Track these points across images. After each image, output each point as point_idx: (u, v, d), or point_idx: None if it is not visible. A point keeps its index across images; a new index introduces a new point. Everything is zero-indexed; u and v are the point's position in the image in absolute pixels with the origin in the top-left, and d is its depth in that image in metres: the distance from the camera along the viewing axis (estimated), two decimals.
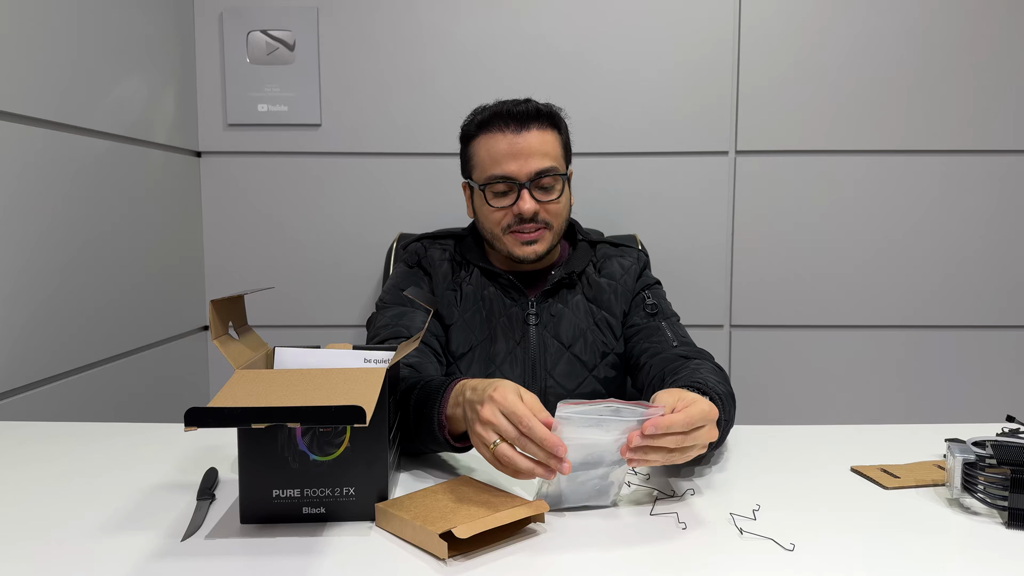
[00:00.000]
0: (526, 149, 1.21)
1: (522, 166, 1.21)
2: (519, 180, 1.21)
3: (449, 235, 1.37)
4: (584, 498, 0.82)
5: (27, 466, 0.97)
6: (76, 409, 1.43)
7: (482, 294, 1.27)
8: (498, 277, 1.28)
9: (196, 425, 0.65)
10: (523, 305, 1.27)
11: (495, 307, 1.27)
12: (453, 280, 1.29)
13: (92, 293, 1.48)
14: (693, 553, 0.72)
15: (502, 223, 1.24)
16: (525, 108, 1.23)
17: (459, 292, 1.28)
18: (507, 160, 1.21)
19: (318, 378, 0.77)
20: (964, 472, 0.81)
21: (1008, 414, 1.09)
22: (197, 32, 1.87)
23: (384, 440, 0.79)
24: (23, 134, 1.30)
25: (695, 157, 1.89)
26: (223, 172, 1.91)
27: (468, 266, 1.30)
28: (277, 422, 0.66)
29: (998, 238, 1.90)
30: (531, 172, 1.21)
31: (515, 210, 1.22)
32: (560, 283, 1.28)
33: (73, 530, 0.77)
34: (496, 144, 1.22)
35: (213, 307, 0.83)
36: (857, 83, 1.86)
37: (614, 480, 0.82)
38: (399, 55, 1.87)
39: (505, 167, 1.21)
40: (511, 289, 1.28)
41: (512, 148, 1.21)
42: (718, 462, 0.98)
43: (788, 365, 1.95)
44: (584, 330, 1.27)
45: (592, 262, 1.34)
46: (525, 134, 1.21)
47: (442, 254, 1.32)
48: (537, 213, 1.22)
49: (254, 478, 0.78)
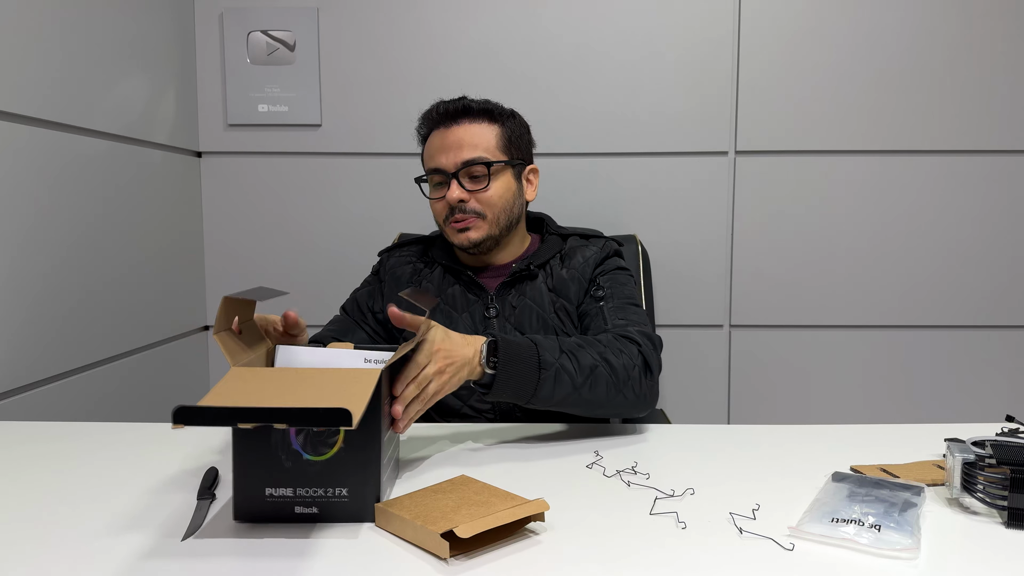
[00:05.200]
0: (455, 142, 1.27)
1: (450, 157, 1.27)
2: (447, 171, 1.27)
3: (419, 240, 1.44)
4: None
5: (27, 466, 0.97)
6: (76, 409, 1.43)
7: (445, 293, 1.32)
8: (460, 275, 1.32)
9: (183, 423, 0.65)
10: (484, 300, 1.30)
11: (458, 303, 1.31)
12: (411, 281, 1.35)
13: (92, 293, 1.48)
14: (693, 553, 0.72)
15: (443, 215, 1.30)
16: (455, 105, 1.30)
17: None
18: (439, 154, 1.28)
19: (312, 378, 0.77)
20: (964, 472, 0.81)
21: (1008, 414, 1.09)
22: (197, 32, 1.87)
23: (377, 441, 0.79)
24: (23, 134, 1.30)
25: (695, 157, 1.89)
26: (223, 172, 1.91)
27: (433, 265, 1.36)
28: (263, 422, 0.66)
29: (997, 238, 1.90)
30: (458, 163, 1.27)
31: (446, 200, 1.27)
32: (519, 275, 1.30)
33: (73, 530, 0.77)
34: (432, 141, 1.31)
35: (224, 303, 0.82)
36: (857, 83, 1.86)
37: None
38: (399, 55, 1.87)
39: (437, 160, 1.29)
40: (472, 286, 1.31)
41: (443, 142, 1.28)
42: (718, 461, 0.98)
43: (788, 365, 1.95)
44: (545, 319, 1.29)
45: (560, 254, 1.35)
46: (455, 128, 1.28)
47: (401, 260, 1.39)
48: (465, 202, 1.27)
49: (247, 477, 0.78)
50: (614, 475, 0.93)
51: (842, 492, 0.82)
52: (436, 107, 1.32)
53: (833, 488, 0.84)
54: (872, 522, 0.74)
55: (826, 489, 0.84)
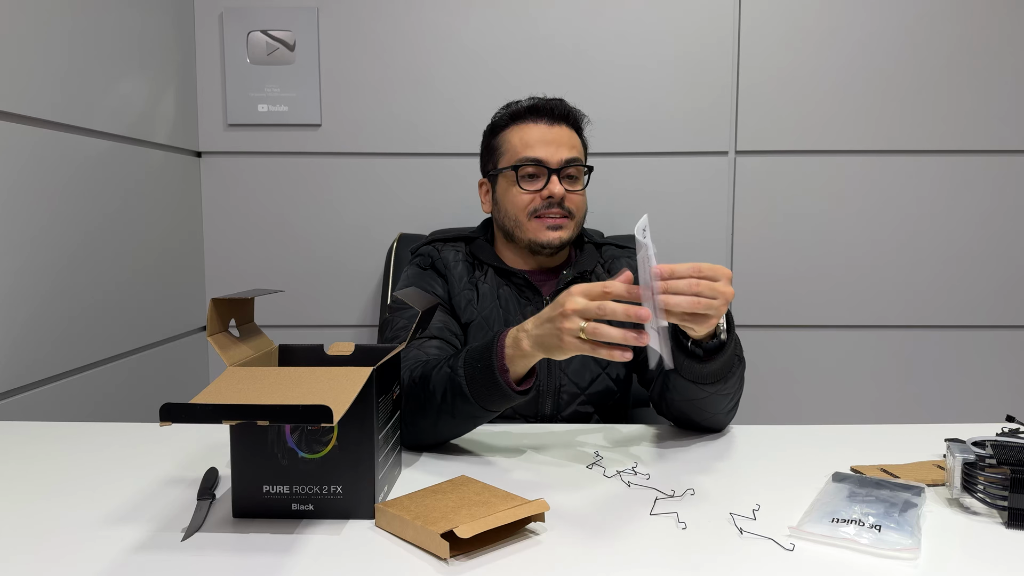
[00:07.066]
0: (557, 139, 1.28)
1: (553, 153, 1.27)
2: (550, 165, 1.27)
3: (458, 237, 1.39)
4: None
5: (27, 466, 0.97)
6: (76, 409, 1.43)
7: (498, 292, 1.29)
8: (512, 276, 1.30)
9: (170, 420, 0.66)
10: (537, 304, 1.29)
11: (511, 306, 1.29)
12: (469, 280, 1.31)
13: (92, 293, 1.48)
14: (693, 553, 0.72)
15: (529, 207, 1.27)
16: (559, 105, 1.31)
17: (476, 291, 1.29)
18: (540, 146, 1.27)
19: (306, 376, 0.77)
20: (964, 472, 0.81)
21: (1008, 414, 1.09)
22: (197, 32, 1.87)
23: (371, 439, 0.79)
24: (23, 134, 1.30)
25: (695, 157, 1.89)
26: (223, 172, 1.91)
27: (482, 266, 1.32)
28: (247, 419, 0.67)
29: (997, 238, 1.90)
30: (561, 160, 1.27)
31: (544, 193, 1.26)
32: (572, 282, 1.29)
33: (72, 528, 0.77)
34: (529, 132, 1.29)
35: (213, 305, 0.83)
36: (857, 83, 1.86)
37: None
38: (399, 55, 1.87)
39: (537, 151, 1.27)
40: (525, 288, 1.30)
41: (545, 136, 1.28)
42: (718, 461, 0.98)
43: (788, 365, 1.95)
44: None
45: (600, 263, 1.36)
46: (557, 128, 1.29)
47: (455, 255, 1.33)
48: (564, 199, 1.26)
49: (245, 474, 0.79)
50: (614, 475, 0.93)
51: (842, 492, 0.82)
52: (537, 102, 1.31)
53: (833, 488, 0.84)
54: (872, 522, 0.74)
55: (826, 489, 0.84)
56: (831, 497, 0.81)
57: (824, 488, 0.85)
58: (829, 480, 0.87)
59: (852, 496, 0.81)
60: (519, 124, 1.30)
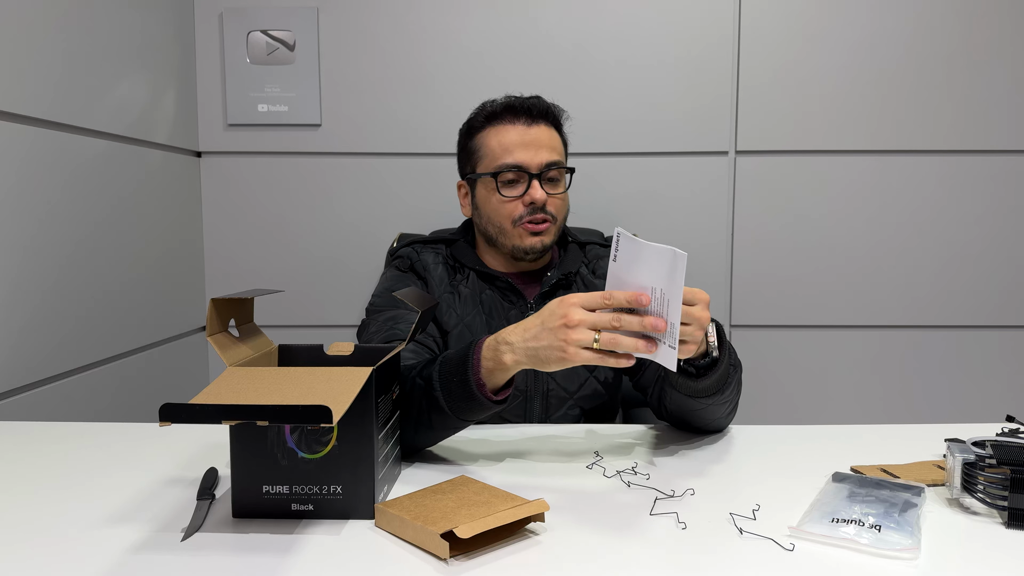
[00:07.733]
0: (536, 141, 1.23)
1: (533, 156, 1.23)
2: (530, 170, 1.22)
3: (439, 240, 1.37)
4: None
5: (27, 466, 0.97)
6: (76, 409, 1.43)
7: (480, 297, 1.27)
8: (495, 280, 1.28)
9: (170, 420, 0.66)
10: (521, 308, 1.27)
11: (494, 310, 1.26)
12: (450, 283, 1.28)
13: (92, 293, 1.48)
14: (693, 553, 0.72)
15: (513, 215, 1.24)
16: (536, 103, 1.26)
17: (457, 295, 1.27)
18: (519, 149, 1.23)
19: (305, 376, 0.77)
20: (964, 472, 0.81)
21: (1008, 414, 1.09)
22: (197, 32, 1.87)
23: (371, 439, 0.79)
24: (23, 134, 1.30)
25: (695, 157, 1.89)
26: (223, 172, 1.91)
27: (463, 269, 1.30)
28: (246, 420, 0.67)
29: (997, 238, 1.90)
30: (542, 163, 1.23)
31: (526, 200, 1.23)
32: (557, 284, 1.28)
33: (72, 528, 0.77)
34: (507, 134, 1.24)
35: (213, 305, 0.83)
36: (857, 83, 1.86)
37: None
38: (399, 55, 1.87)
39: (517, 156, 1.23)
40: (509, 292, 1.27)
41: (524, 139, 1.23)
42: (718, 461, 0.98)
43: (788, 365, 1.95)
44: None
45: (584, 263, 1.34)
46: (535, 128, 1.24)
47: (435, 258, 1.31)
48: (545, 204, 1.23)
49: (245, 474, 0.79)
50: (614, 475, 0.93)
51: (842, 492, 0.82)
52: (512, 101, 1.26)
53: (833, 488, 0.84)
54: (872, 522, 0.74)
55: (826, 489, 0.84)
56: (831, 497, 0.81)
57: (824, 488, 0.85)
58: (829, 480, 0.87)
59: (852, 496, 0.81)
60: (496, 125, 1.25)
